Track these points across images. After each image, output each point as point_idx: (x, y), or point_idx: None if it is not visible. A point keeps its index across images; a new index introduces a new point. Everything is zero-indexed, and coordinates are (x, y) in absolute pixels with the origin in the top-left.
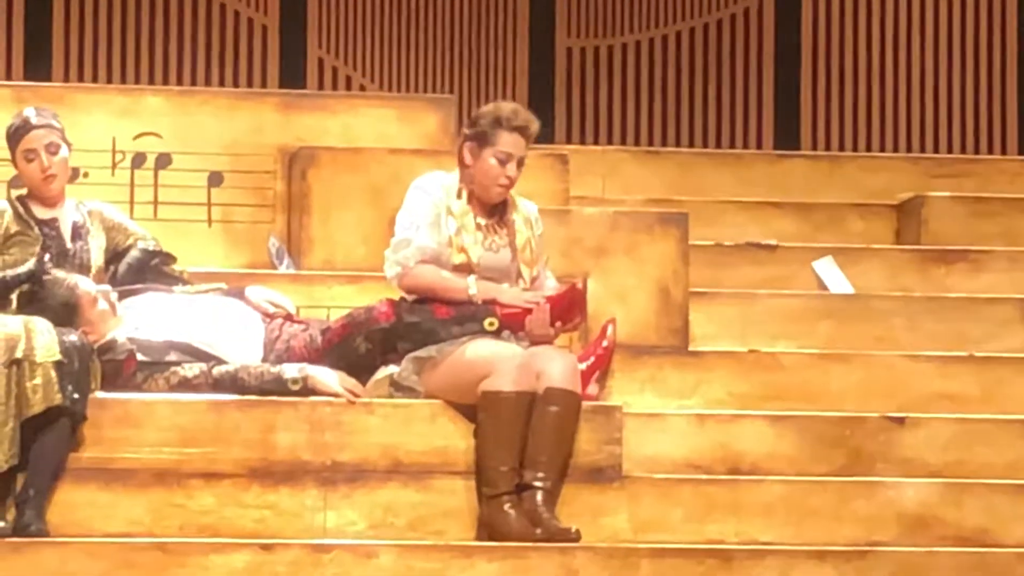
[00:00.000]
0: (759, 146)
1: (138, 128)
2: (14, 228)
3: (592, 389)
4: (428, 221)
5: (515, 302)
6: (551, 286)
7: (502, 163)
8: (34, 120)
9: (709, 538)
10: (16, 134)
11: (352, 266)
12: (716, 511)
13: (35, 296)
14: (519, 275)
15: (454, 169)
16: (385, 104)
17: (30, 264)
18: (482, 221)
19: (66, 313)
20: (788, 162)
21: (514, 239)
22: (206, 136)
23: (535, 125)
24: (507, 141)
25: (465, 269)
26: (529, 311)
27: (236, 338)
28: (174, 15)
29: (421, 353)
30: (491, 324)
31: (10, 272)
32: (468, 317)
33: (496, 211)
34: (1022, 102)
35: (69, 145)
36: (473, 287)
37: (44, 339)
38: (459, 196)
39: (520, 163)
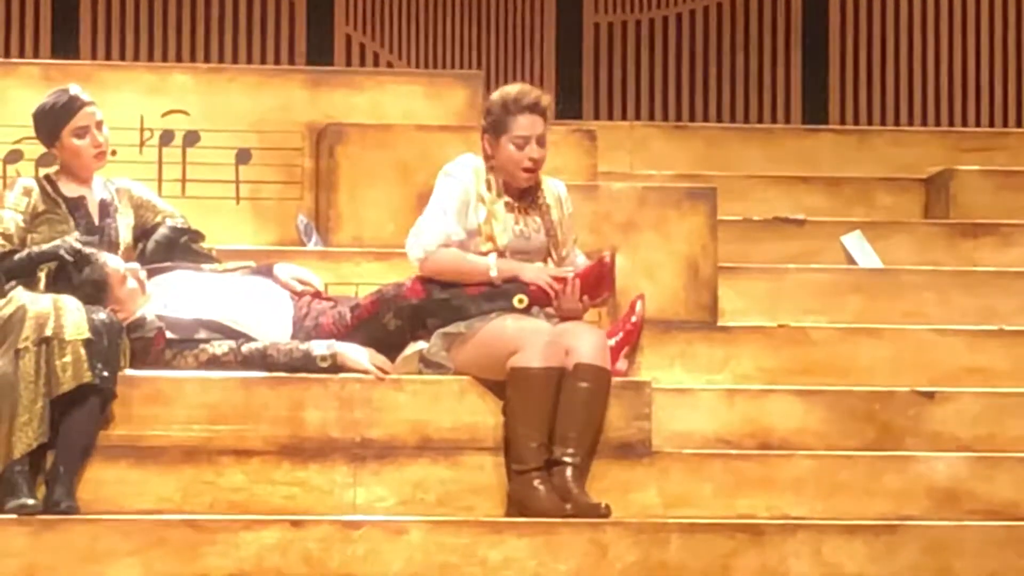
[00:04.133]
0: (787, 121)
1: (166, 106)
2: (42, 206)
3: (621, 365)
4: (455, 208)
5: (537, 281)
6: (580, 263)
7: (520, 147)
8: (84, 96)
9: (739, 513)
10: (65, 110)
11: (380, 243)
12: (746, 486)
13: (64, 274)
14: (549, 255)
15: None
16: (413, 81)
17: (57, 243)
18: (514, 203)
19: (95, 291)
20: (817, 136)
21: (548, 220)
22: (234, 113)
23: (545, 99)
24: (520, 124)
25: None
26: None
27: (265, 315)
28: None
29: (450, 329)
30: (520, 301)
31: (35, 249)
32: (498, 294)
33: (528, 192)
34: None
35: None
36: (494, 269)
37: (73, 317)
38: (488, 188)
39: (540, 142)
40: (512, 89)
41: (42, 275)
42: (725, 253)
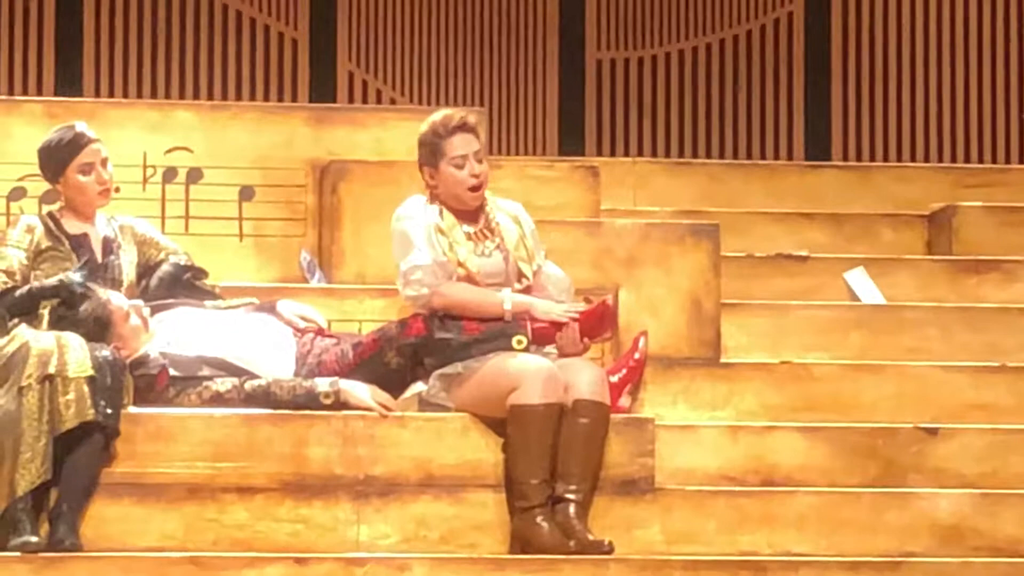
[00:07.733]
0: (790, 157)
1: (169, 143)
2: (45, 243)
3: (624, 401)
4: (426, 242)
5: (547, 317)
6: (555, 273)
7: (460, 167)
8: (89, 134)
9: (742, 550)
10: (71, 147)
11: (383, 279)
12: (749, 523)
13: (67, 311)
14: (521, 274)
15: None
16: (415, 117)
17: (60, 277)
18: (470, 230)
19: (98, 328)
20: (819, 173)
21: (503, 241)
22: (237, 150)
23: (472, 117)
24: (454, 145)
25: (466, 281)
26: (559, 326)
27: (268, 352)
28: (204, 30)
29: (448, 370)
30: (519, 343)
31: (35, 284)
32: (498, 334)
33: (480, 218)
34: None
35: None
36: (508, 303)
37: (76, 354)
38: (442, 218)
39: (478, 158)
40: (437, 116)
41: (45, 312)
42: (728, 289)
